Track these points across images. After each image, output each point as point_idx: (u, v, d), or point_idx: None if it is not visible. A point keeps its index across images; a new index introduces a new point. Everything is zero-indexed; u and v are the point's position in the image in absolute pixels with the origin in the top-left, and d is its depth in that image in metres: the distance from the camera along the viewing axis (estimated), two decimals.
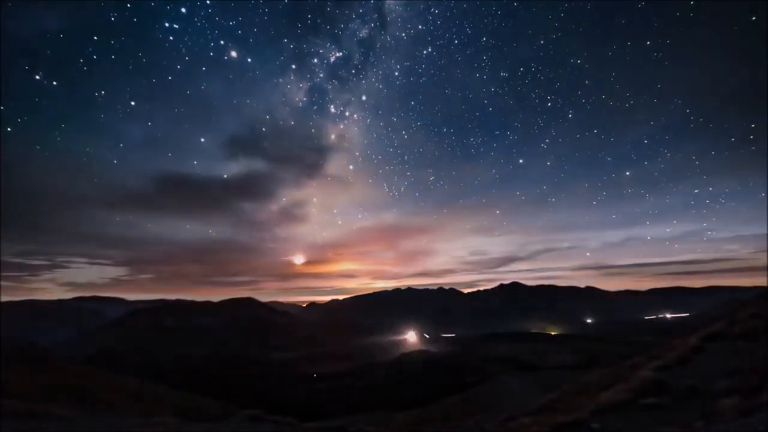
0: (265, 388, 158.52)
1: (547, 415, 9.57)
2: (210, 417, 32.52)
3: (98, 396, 27.53)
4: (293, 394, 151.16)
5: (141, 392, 33.60)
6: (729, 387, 6.49)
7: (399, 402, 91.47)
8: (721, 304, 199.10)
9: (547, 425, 7.55)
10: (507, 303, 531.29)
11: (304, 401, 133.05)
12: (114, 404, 26.83)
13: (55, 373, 30.11)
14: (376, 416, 47.41)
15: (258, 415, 12.33)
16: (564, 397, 13.50)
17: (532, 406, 13.65)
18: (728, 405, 5.65)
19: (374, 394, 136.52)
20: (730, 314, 22.36)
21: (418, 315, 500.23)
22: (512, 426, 9.50)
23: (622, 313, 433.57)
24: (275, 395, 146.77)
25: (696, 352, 9.87)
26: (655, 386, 7.73)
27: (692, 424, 5.58)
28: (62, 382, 28.13)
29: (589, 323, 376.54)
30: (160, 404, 31.98)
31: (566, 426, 7.23)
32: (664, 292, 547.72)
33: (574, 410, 8.74)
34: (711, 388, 6.97)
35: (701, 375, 8.10)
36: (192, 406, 35.80)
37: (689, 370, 8.72)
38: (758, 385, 6.23)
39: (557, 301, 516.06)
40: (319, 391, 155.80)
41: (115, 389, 31.59)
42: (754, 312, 11.63)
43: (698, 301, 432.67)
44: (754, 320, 10.84)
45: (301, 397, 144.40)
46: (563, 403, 11.94)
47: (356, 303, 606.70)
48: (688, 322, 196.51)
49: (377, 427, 35.52)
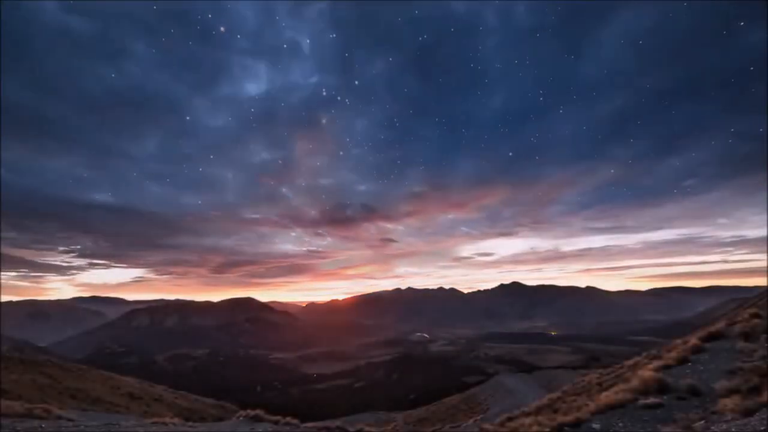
0: (265, 388, 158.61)
1: (548, 415, 9.57)
2: (210, 417, 32.51)
3: (98, 396, 27.52)
4: (293, 394, 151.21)
5: (141, 392, 33.57)
6: (729, 387, 6.49)
7: (399, 402, 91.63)
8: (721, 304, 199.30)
9: (547, 425, 7.55)
10: (507, 303, 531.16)
11: (304, 401, 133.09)
12: (114, 404, 26.81)
13: (55, 373, 30.08)
14: (376, 416, 47.40)
15: (258, 415, 12.32)
16: (564, 397, 13.50)
17: (532, 406, 13.66)
18: (728, 405, 5.65)
19: (374, 394, 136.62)
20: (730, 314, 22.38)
21: (418, 315, 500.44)
22: (512, 426, 9.50)
23: (622, 313, 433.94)
24: (275, 395, 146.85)
25: (696, 352, 9.87)
26: (655, 386, 7.73)
27: (692, 424, 5.58)
28: (62, 382, 28.11)
29: (589, 323, 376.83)
30: (159, 404, 31.95)
31: (567, 426, 7.22)
32: (664, 292, 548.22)
33: (574, 410, 8.74)
34: (711, 388, 6.97)
35: (701, 375, 8.11)
36: (192, 406, 35.77)
37: (689, 370, 8.72)
38: (758, 385, 6.23)
39: (558, 301, 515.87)
40: (319, 391, 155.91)
41: (115, 389, 31.58)
42: (754, 312, 11.63)
43: (698, 301, 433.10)
44: (754, 320, 10.84)
45: (301, 397, 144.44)
46: (563, 403, 11.94)
47: (356, 303, 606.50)
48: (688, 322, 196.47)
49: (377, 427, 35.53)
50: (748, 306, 19.73)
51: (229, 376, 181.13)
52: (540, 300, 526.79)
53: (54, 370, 30.67)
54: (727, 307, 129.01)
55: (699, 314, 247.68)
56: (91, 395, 27.16)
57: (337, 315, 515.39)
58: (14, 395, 21.25)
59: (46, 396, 23.49)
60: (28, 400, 20.42)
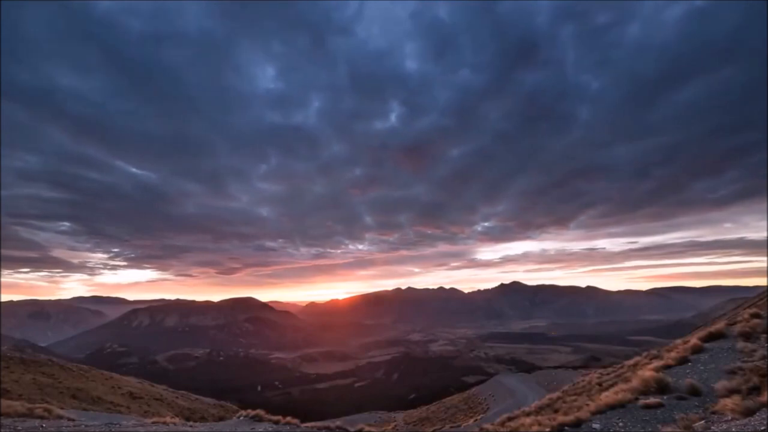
0: (265, 388, 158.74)
1: (548, 415, 9.58)
2: (210, 417, 32.54)
3: (99, 395, 27.55)
4: (293, 393, 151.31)
5: (141, 392, 33.60)
6: (729, 387, 6.50)
7: (399, 402, 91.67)
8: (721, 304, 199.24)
9: (547, 425, 7.56)
10: (507, 303, 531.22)
11: (304, 401, 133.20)
12: (114, 404, 26.84)
13: (56, 372, 30.11)
14: (377, 416, 47.43)
15: (258, 414, 12.34)
16: (564, 396, 13.51)
17: (532, 406, 13.67)
18: (728, 405, 5.66)
19: (374, 393, 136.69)
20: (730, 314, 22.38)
21: (418, 315, 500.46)
22: (512, 426, 9.51)
23: (623, 313, 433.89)
24: (275, 395, 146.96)
25: (696, 352, 9.88)
26: (655, 386, 7.74)
27: (692, 424, 5.59)
28: (63, 381, 28.14)
29: (589, 323, 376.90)
30: (160, 404, 31.97)
31: (567, 426, 7.24)
32: (664, 292, 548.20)
33: (574, 410, 8.75)
34: (711, 388, 6.98)
35: (701, 375, 8.12)
36: (192, 405, 35.78)
37: (689, 370, 8.74)
38: (758, 385, 6.24)
39: (558, 300, 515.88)
40: (320, 391, 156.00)
41: (116, 389, 31.61)
42: (754, 312, 11.64)
43: (698, 301, 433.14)
44: (754, 320, 10.85)
45: (301, 397, 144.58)
46: (564, 402, 11.95)
47: (356, 303, 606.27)
48: (688, 322, 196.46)
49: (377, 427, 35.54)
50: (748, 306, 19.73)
51: (229, 375, 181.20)
52: (540, 300, 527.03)
53: (55, 370, 30.72)
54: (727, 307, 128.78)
55: (699, 314, 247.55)
56: (91, 395, 27.20)
57: (337, 315, 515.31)
58: (15, 395, 21.29)
59: (47, 395, 23.52)
60: (28, 399, 20.45)
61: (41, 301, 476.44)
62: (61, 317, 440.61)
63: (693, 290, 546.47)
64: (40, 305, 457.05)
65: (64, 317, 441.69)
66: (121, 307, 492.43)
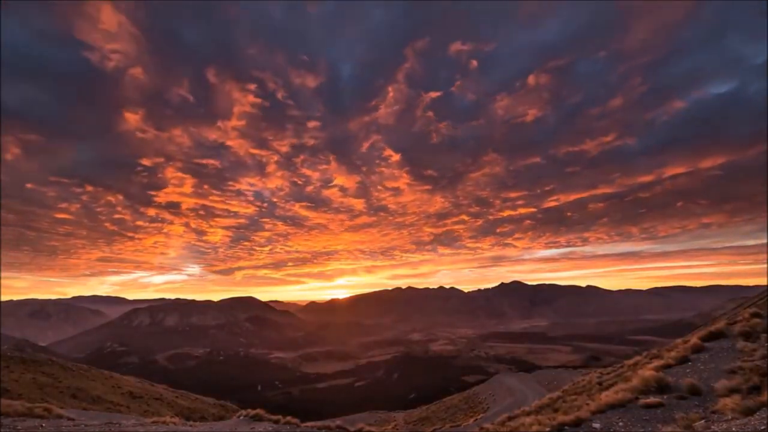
0: (265, 387, 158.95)
1: (548, 415, 9.58)
2: (210, 416, 32.56)
3: (99, 395, 27.57)
4: (293, 393, 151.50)
5: (141, 391, 33.62)
6: (729, 386, 6.50)
7: (399, 401, 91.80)
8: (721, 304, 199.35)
9: (547, 424, 7.56)
10: (507, 303, 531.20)
11: (304, 400, 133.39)
12: (114, 403, 26.86)
13: (56, 372, 30.12)
14: (377, 416, 47.46)
15: (258, 414, 12.34)
16: (564, 396, 13.51)
17: (532, 406, 13.67)
18: (729, 404, 5.65)
19: (374, 393, 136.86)
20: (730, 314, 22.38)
21: (418, 314, 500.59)
22: (512, 425, 9.51)
23: (623, 313, 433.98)
24: (275, 394, 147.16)
25: (696, 352, 9.88)
26: (655, 385, 7.74)
27: (693, 424, 5.59)
28: (63, 381, 28.16)
29: (589, 323, 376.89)
30: (160, 403, 31.99)
31: (567, 425, 7.24)
32: (665, 291, 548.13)
33: (574, 409, 8.75)
34: (711, 388, 6.98)
35: (701, 374, 8.12)
36: (192, 405, 35.81)
37: (690, 369, 8.73)
38: (758, 384, 6.23)
39: (558, 300, 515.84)
40: (320, 391, 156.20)
41: (116, 388, 31.63)
42: (754, 312, 11.64)
43: (698, 301, 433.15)
44: (754, 320, 10.85)
45: (301, 397, 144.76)
46: (564, 402, 11.95)
47: (356, 303, 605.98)
48: (688, 322, 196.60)
49: (378, 426, 35.58)
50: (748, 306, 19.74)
51: (229, 375, 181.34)
52: (540, 299, 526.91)
53: (54, 370, 30.74)
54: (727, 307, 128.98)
55: (699, 314, 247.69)
56: (91, 394, 27.23)
57: (337, 314, 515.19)
58: (15, 394, 21.31)
59: (47, 395, 23.55)
60: (28, 399, 20.47)
61: (41, 301, 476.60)
62: (61, 317, 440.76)
63: (693, 290, 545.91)
64: (41, 304, 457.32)
65: (65, 317, 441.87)
66: (122, 307, 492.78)
